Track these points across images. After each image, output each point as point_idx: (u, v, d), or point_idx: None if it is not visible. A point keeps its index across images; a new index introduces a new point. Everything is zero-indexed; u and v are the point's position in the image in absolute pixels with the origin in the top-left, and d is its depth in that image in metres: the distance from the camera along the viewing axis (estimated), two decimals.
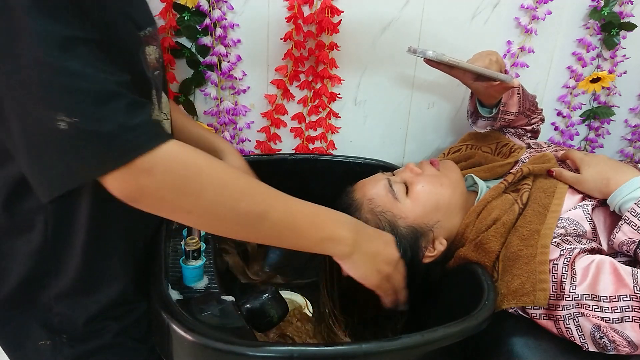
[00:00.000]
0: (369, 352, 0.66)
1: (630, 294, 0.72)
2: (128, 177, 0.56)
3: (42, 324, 0.73)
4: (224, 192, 0.61)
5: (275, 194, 0.66)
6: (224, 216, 0.62)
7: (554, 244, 0.80)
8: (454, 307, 0.87)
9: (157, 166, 0.57)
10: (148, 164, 0.56)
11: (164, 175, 0.57)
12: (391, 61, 1.19)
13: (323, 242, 0.69)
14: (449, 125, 1.30)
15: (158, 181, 0.57)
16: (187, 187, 0.59)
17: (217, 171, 0.62)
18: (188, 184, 0.59)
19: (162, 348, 0.72)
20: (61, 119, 0.52)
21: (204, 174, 0.60)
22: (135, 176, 0.56)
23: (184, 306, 0.70)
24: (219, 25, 1.08)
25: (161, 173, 0.57)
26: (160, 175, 0.57)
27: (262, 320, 0.74)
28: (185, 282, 0.79)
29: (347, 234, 0.71)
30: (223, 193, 0.61)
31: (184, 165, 0.59)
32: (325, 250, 0.70)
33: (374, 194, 0.90)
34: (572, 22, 1.22)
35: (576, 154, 0.93)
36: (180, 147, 0.59)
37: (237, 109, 1.18)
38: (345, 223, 0.72)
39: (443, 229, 0.90)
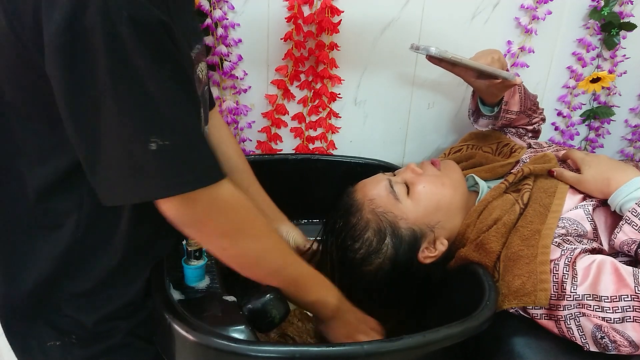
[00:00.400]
0: (370, 352, 0.66)
1: (632, 294, 0.72)
2: (188, 205, 0.61)
3: (51, 324, 0.73)
4: (257, 244, 0.70)
5: (290, 255, 0.75)
6: (249, 262, 0.71)
7: (555, 244, 0.80)
8: (455, 308, 0.87)
9: (216, 203, 0.63)
10: (209, 199, 0.62)
11: (218, 214, 0.64)
12: (391, 61, 1.19)
13: (314, 303, 0.79)
14: (450, 125, 1.30)
15: (212, 218, 0.64)
16: (231, 230, 0.66)
17: (257, 224, 0.70)
18: (233, 228, 0.67)
19: (164, 348, 0.72)
20: (154, 141, 0.56)
21: (247, 224, 0.68)
22: (194, 206, 0.62)
23: (185, 306, 0.70)
24: (220, 25, 1.08)
25: (217, 212, 0.64)
26: (216, 214, 0.64)
27: (263, 320, 0.74)
28: (186, 282, 0.79)
29: (333, 301, 0.80)
30: (256, 245, 0.70)
31: (236, 210, 0.66)
32: (314, 309, 0.81)
33: (375, 195, 0.90)
34: (572, 22, 1.22)
35: (577, 154, 0.93)
36: (234, 190, 0.65)
37: (239, 109, 1.18)
38: (334, 291, 0.81)
39: (444, 229, 0.90)
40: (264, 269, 0.72)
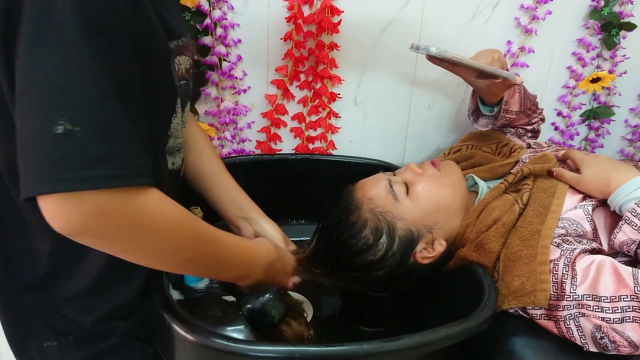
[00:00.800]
0: (370, 352, 0.66)
1: (631, 294, 0.72)
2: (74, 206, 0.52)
3: (49, 325, 0.73)
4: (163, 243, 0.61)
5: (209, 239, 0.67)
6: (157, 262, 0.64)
7: (555, 244, 0.80)
8: (455, 308, 0.87)
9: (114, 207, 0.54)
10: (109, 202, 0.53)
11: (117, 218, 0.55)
12: (391, 61, 1.19)
13: (230, 280, 0.76)
14: (449, 125, 1.30)
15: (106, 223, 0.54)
16: (133, 233, 0.57)
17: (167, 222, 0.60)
18: (135, 231, 0.57)
19: (163, 348, 0.72)
20: (62, 123, 0.50)
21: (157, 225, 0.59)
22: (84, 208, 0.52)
23: (185, 306, 0.70)
24: (219, 25, 1.08)
25: (115, 216, 0.54)
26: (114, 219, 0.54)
27: (263, 320, 0.74)
28: (186, 282, 0.79)
29: (251, 276, 0.77)
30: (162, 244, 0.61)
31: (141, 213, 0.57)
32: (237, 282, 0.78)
33: (375, 194, 0.90)
34: (572, 22, 1.22)
35: (576, 154, 0.93)
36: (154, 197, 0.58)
37: (238, 109, 1.18)
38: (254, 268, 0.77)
39: (443, 230, 0.90)
40: (172, 264, 0.66)
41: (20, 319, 0.74)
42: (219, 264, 0.71)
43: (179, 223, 0.61)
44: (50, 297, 0.73)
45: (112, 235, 0.56)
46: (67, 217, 0.52)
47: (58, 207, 0.52)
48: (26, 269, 0.71)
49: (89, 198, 0.52)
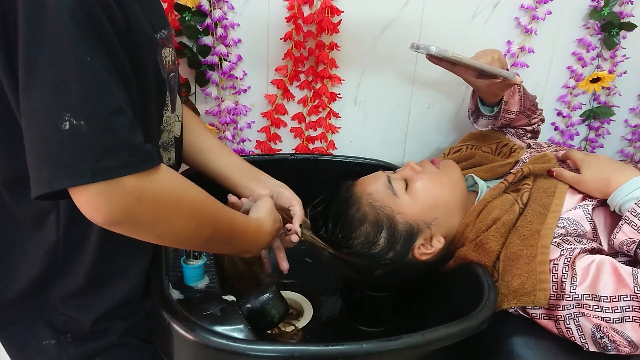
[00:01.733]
0: (369, 351, 0.66)
1: (631, 294, 0.72)
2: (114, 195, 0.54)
3: (47, 323, 0.73)
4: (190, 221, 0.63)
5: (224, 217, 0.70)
6: (184, 240, 0.66)
7: (555, 244, 0.80)
8: (455, 307, 0.87)
9: (147, 192, 0.56)
10: (141, 188, 0.55)
11: (152, 203, 0.57)
12: (391, 61, 1.19)
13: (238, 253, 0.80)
14: (449, 125, 1.30)
15: (144, 208, 0.57)
16: (164, 217, 0.60)
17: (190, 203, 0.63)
18: (166, 216, 0.60)
19: (162, 348, 0.72)
20: (67, 119, 0.51)
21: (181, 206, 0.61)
22: (122, 196, 0.54)
23: (184, 306, 0.70)
24: (219, 25, 1.08)
25: (150, 201, 0.57)
26: (149, 204, 0.57)
27: (262, 320, 0.74)
28: (185, 281, 0.79)
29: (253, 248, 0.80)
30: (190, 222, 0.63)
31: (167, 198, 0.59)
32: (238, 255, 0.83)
33: (373, 190, 0.90)
34: (572, 22, 1.22)
35: (576, 154, 0.93)
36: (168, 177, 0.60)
37: (238, 109, 1.18)
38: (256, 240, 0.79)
39: (441, 226, 0.90)
40: (196, 242, 0.68)
41: (19, 318, 0.73)
42: (230, 240, 0.73)
43: (199, 200, 0.65)
44: (48, 296, 0.73)
45: (149, 220, 0.58)
46: (109, 207, 0.54)
47: (96, 197, 0.53)
48: (20, 270, 0.71)
49: (127, 184, 0.54)
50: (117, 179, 0.53)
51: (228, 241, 0.72)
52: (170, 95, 0.74)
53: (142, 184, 0.55)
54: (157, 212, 0.58)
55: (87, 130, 0.52)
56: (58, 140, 0.52)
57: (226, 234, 0.71)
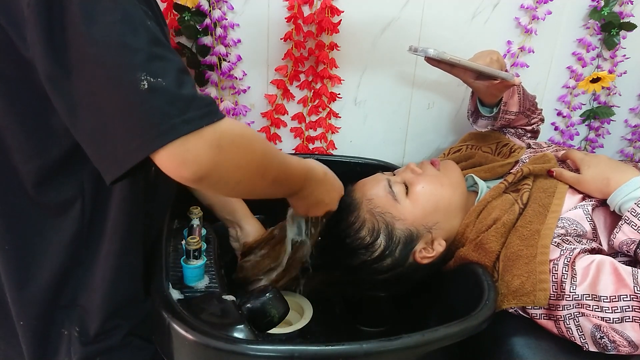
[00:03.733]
0: (369, 351, 0.66)
1: (631, 294, 0.72)
2: (198, 146, 0.54)
3: (65, 314, 0.73)
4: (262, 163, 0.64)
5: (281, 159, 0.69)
6: (255, 185, 0.65)
7: (554, 244, 0.80)
8: (455, 307, 0.87)
9: (225, 139, 0.57)
10: (219, 136, 0.56)
11: (231, 148, 0.58)
12: (391, 61, 1.19)
13: (287, 194, 0.78)
14: (449, 125, 1.30)
15: (226, 155, 0.57)
16: (243, 161, 0.60)
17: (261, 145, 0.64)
18: (245, 159, 0.60)
19: (163, 348, 0.72)
20: (145, 78, 0.52)
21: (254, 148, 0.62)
22: (207, 146, 0.55)
23: (184, 306, 0.70)
24: (219, 25, 1.08)
25: (229, 146, 0.57)
26: (229, 150, 0.57)
27: (262, 319, 0.74)
28: (186, 281, 0.79)
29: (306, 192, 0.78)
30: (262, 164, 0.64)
31: (242, 139, 0.60)
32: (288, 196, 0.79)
33: (374, 195, 0.90)
34: (572, 22, 1.22)
35: (576, 154, 0.93)
36: (234, 122, 0.61)
37: (238, 109, 1.18)
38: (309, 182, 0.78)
39: (442, 230, 0.90)
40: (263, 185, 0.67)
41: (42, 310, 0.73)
42: (285, 180, 0.72)
43: (262, 141, 0.65)
44: (68, 285, 0.72)
45: (231, 167, 0.59)
46: (196, 160, 0.54)
47: (181, 154, 0.53)
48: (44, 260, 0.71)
49: (206, 135, 0.54)
50: (198, 131, 0.53)
51: (286, 178, 0.72)
52: None
53: (220, 130, 0.56)
54: (236, 158, 0.59)
55: (165, 85, 0.52)
56: (139, 102, 0.52)
57: (283, 171, 0.70)
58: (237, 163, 0.59)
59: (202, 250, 0.79)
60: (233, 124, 0.59)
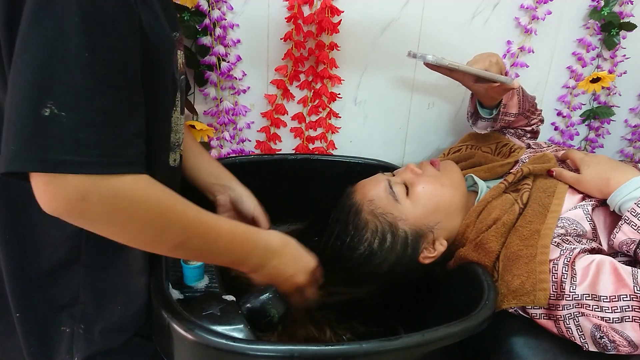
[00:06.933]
0: (369, 351, 0.66)
1: (631, 294, 0.72)
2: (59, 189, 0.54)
3: (67, 310, 0.73)
4: (148, 227, 0.62)
5: (198, 223, 0.67)
6: (145, 243, 0.65)
7: (554, 244, 0.80)
8: (455, 307, 0.87)
9: (95, 193, 0.55)
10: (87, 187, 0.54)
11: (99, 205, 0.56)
12: (391, 61, 1.19)
13: (229, 264, 0.74)
14: (449, 126, 1.30)
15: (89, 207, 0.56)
16: (112, 221, 0.59)
17: (148, 209, 0.61)
18: (112, 219, 0.59)
19: (163, 347, 0.72)
20: (50, 106, 0.52)
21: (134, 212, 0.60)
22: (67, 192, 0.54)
23: (184, 306, 0.70)
24: (218, 25, 1.08)
25: (97, 202, 0.56)
26: (96, 205, 0.56)
27: (262, 319, 0.74)
28: (185, 281, 0.79)
29: (251, 261, 0.74)
30: (146, 228, 0.62)
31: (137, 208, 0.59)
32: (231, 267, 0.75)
33: (374, 196, 0.90)
34: (572, 22, 1.22)
35: (576, 154, 0.93)
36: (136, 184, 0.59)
37: (237, 109, 1.18)
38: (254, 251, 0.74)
39: (443, 229, 0.90)
40: (162, 247, 0.66)
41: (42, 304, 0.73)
42: (210, 248, 0.70)
43: (162, 208, 0.62)
44: (70, 281, 0.72)
45: (96, 219, 0.58)
46: (53, 198, 0.55)
47: (45, 187, 0.54)
48: (44, 253, 0.71)
49: (71, 182, 0.54)
50: (65, 175, 0.53)
51: (208, 248, 0.69)
52: (180, 97, 0.75)
53: (93, 184, 0.55)
54: (102, 213, 0.57)
55: (66, 121, 0.52)
56: (32, 124, 0.52)
57: (201, 240, 0.68)
58: (105, 218, 0.58)
59: None
60: (129, 185, 0.57)
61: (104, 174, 0.55)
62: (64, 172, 0.53)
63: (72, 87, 0.53)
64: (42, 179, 0.54)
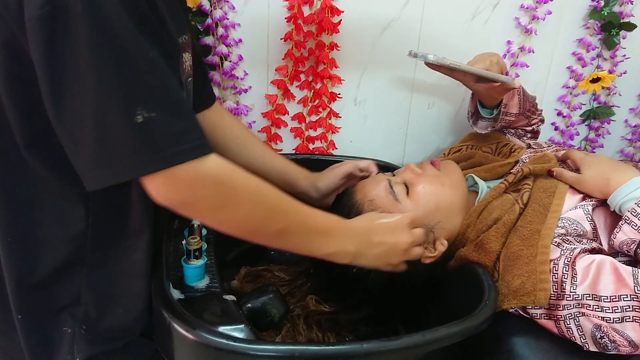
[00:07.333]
0: (369, 351, 0.66)
1: (631, 294, 0.72)
2: (174, 181, 0.58)
3: (68, 311, 0.73)
4: (254, 210, 0.65)
5: (295, 210, 0.70)
6: (249, 229, 0.67)
7: (555, 244, 0.80)
8: (455, 307, 0.87)
9: (203, 177, 0.60)
10: (195, 173, 0.59)
11: (207, 188, 0.61)
12: (391, 61, 1.19)
13: (329, 256, 0.74)
14: (449, 126, 1.30)
15: (201, 192, 0.61)
16: (224, 202, 0.63)
17: (251, 190, 0.65)
18: (226, 200, 0.63)
19: (163, 347, 0.72)
20: (139, 112, 0.55)
21: (240, 193, 0.64)
22: (180, 182, 0.59)
23: (185, 305, 0.70)
24: (220, 25, 1.08)
25: (205, 186, 0.60)
26: (204, 188, 0.60)
27: (263, 319, 0.74)
28: (186, 281, 0.79)
29: (350, 249, 0.75)
30: (253, 211, 0.65)
31: (224, 182, 0.63)
32: (332, 259, 0.75)
33: (375, 196, 0.90)
34: (572, 22, 1.22)
35: (576, 154, 0.94)
36: (221, 161, 0.62)
37: (239, 109, 1.18)
38: (351, 238, 0.76)
39: (444, 229, 0.90)
40: (268, 233, 0.68)
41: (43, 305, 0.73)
42: (309, 235, 0.72)
43: (260, 189, 0.66)
44: (72, 283, 0.73)
45: (213, 202, 0.62)
46: (175, 190, 0.59)
47: (164, 183, 0.58)
48: (47, 255, 0.71)
49: (190, 170, 0.58)
50: (174, 167, 0.57)
51: (308, 235, 0.71)
52: (187, 100, 0.75)
53: (198, 168, 0.59)
54: (213, 200, 0.62)
55: (158, 120, 0.56)
56: (134, 132, 0.55)
57: (302, 227, 0.71)
58: (218, 202, 0.62)
59: (203, 250, 0.79)
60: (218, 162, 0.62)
61: (204, 155, 0.59)
62: (179, 162, 0.57)
63: (149, 88, 0.56)
64: (160, 177, 0.57)
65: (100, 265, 0.72)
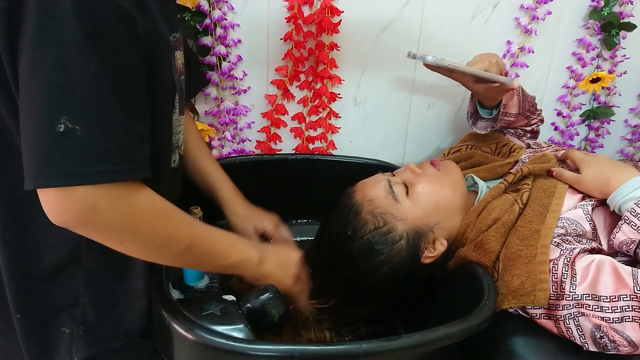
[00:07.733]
0: (369, 351, 0.66)
1: (631, 294, 0.72)
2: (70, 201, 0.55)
3: (67, 311, 0.73)
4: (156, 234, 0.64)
5: (198, 225, 0.70)
6: (150, 253, 0.66)
7: (554, 244, 0.80)
8: (455, 307, 0.87)
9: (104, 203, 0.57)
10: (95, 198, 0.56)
11: (109, 214, 0.58)
12: (391, 61, 1.19)
13: (236, 265, 0.75)
14: (449, 126, 1.30)
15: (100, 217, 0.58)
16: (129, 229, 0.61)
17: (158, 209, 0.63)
18: (132, 227, 0.61)
19: (163, 347, 0.72)
20: (63, 122, 0.53)
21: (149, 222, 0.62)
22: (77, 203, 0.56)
23: (184, 305, 0.71)
24: (219, 25, 1.08)
25: (106, 211, 0.57)
26: (106, 214, 0.58)
27: (262, 319, 0.74)
28: (186, 281, 0.79)
29: (254, 253, 0.76)
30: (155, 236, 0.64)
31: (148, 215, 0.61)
32: (239, 270, 0.76)
33: (374, 196, 0.90)
34: (572, 22, 1.22)
35: (576, 154, 0.94)
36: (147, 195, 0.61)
37: (238, 109, 1.18)
38: (251, 244, 0.78)
39: (443, 229, 0.90)
40: (169, 255, 0.67)
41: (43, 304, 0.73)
42: (213, 251, 0.71)
43: (169, 215, 0.64)
44: (70, 282, 0.72)
45: (106, 229, 0.59)
46: (63, 211, 0.56)
47: (55, 201, 0.56)
48: (44, 254, 0.71)
49: (83, 193, 0.55)
50: (74, 187, 0.55)
51: (209, 253, 0.71)
52: (179, 98, 0.75)
53: (106, 194, 0.56)
54: (113, 222, 0.59)
55: (79, 135, 0.53)
56: (50, 141, 0.53)
57: (204, 246, 0.70)
58: (119, 228, 0.60)
59: None
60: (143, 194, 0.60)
61: (116, 182, 0.56)
62: (75, 184, 0.54)
63: (82, 100, 0.54)
64: (52, 193, 0.55)
65: (98, 265, 0.72)
